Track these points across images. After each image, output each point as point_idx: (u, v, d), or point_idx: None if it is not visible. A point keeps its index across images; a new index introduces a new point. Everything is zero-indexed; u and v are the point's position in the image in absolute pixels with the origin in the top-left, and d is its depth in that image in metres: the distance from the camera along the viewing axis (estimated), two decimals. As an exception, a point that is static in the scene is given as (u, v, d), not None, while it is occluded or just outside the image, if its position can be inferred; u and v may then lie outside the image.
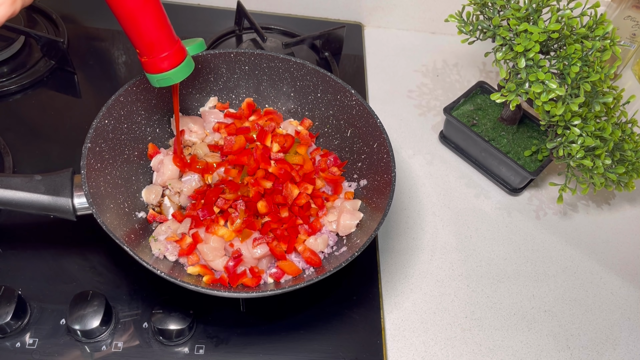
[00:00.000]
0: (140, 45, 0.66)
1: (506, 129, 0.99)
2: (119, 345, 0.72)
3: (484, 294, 0.87)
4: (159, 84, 0.70)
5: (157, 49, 0.67)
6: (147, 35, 0.65)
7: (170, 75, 0.69)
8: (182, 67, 0.70)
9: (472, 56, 1.20)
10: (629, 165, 0.86)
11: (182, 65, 0.70)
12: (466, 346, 0.82)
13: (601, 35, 0.80)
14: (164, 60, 0.68)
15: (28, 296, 0.74)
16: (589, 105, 0.81)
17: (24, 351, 0.70)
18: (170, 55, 0.68)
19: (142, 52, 0.67)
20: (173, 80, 0.70)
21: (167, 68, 0.68)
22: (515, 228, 0.96)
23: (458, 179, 1.01)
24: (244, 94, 0.92)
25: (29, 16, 1.05)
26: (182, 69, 0.70)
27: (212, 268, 0.76)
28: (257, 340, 0.76)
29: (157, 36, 0.66)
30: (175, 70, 0.69)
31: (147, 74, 0.70)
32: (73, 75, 1.00)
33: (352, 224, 0.80)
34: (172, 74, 0.69)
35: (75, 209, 0.70)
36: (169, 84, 0.70)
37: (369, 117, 0.83)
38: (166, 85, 0.70)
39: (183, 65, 0.70)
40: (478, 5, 0.85)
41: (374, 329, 0.80)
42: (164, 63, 0.68)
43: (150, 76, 0.70)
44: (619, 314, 0.89)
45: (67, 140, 0.91)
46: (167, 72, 0.69)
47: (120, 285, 0.77)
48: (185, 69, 0.70)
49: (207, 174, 0.82)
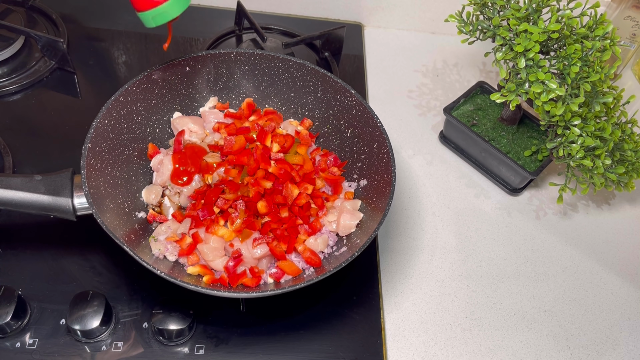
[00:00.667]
0: None
1: (506, 129, 0.99)
2: (119, 346, 0.72)
3: (484, 294, 0.87)
4: (155, 22, 0.64)
5: None
6: None
7: (166, 9, 0.63)
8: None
9: (472, 56, 1.20)
10: (629, 165, 0.86)
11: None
12: (466, 346, 0.82)
13: (601, 35, 0.80)
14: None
15: (28, 296, 0.74)
16: (589, 105, 0.81)
17: (24, 351, 0.70)
18: None
19: None
20: (170, 14, 0.64)
21: (161, 0, 0.62)
22: (515, 228, 0.96)
23: (458, 179, 1.01)
24: (244, 94, 0.92)
25: (29, 16, 1.05)
26: (177, 0, 0.63)
27: (212, 268, 0.76)
28: (257, 340, 0.76)
29: None
30: (171, 2, 0.63)
31: (141, 13, 0.64)
32: (73, 75, 1.00)
33: (352, 224, 0.80)
34: (167, 6, 0.63)
35: (75, 209, 0.70)
36: (166, 20, 0.64)
37: (369, 117, 0.83)
38: (163, 22, 0.64)
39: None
40: (478, 5, 0.85)
41: (374, 329, 0.80)
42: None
43: (144, 15, 0.64)
44: (619, 314, 0.89)
45: (67, 140, 0.91)
46: (162, 6, 0.63)
47: (120, 285, 0.77)
48: (181, 1, 0.64)
49: (207, 174, 0.82)
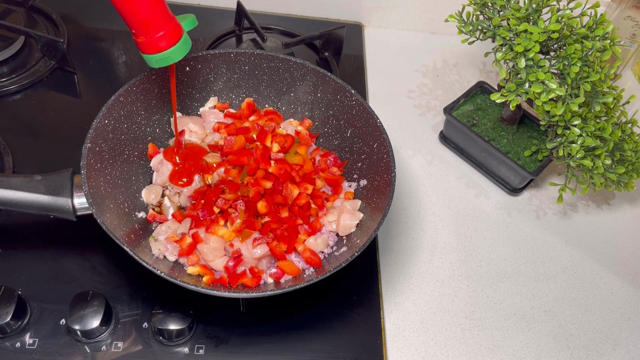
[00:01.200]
0: (136, 24, 0.65)
1: (506, 129, 0.99)
2: (119, 346, 0.72)
3: (484, 294, 0.87)
4: (157, 65, 0.68)
5: (153, 27, 0.65)
6: (142, 13, 0.64)
7: (169, 54, 0.68)
8: (180, 45, 0.68)
9: (472, 56, 1.20)
10: (629, 165, 0.86)
11: (180, 43, 0.68)
12: (466, 346, 0.82)
13: (601, 35, 0.80)
14: (161, 39, 0.66)
15: (28, 296, 0.74)
16: (589, 105, 0.81)
17: (24, 351, 0.70)
18: (167, 34, 0.66)
19: (138, 32, 0.65)
20: (172, 59, 0.68)
21: (165, 47, 0.67)
22: (515, 228, 0.96)
23: (458, 179, 1.01)
24: (244, 94, 0.92)
25: (29, 16, 1.05)
26: (180, 46, 0.68)
27: (212, 268, 0.76)
28: (257, 340, 0.76)
29: (152, 14, 0.64)
30: (174, 49, 0.67)
31: (145, 55, 0.68)
32: (73, 75, 1.00)
33: (352, 224, 0.80)
34: (170, 52, 0.67)
35: (75, 209, 0.70)
36: (168, 63, 0.69)
37: (369, 117, 0.83)
38: (165, 65, 0.69)
39: (181, 42, 0.68)
40: (478, 5, 0.85)
41: (374, 329, 0.80)
42: (161, 42, 0.66)
43: (147, 57, 0.68)
44: (619, 314, 0.89)
45: (67, 140, 0.91)
46: (166, 51, 0.67)
47: (120, 285, 0.77)
48: (183, 47, 0.69)
49: (207, 174, 0.82)
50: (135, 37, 0.67)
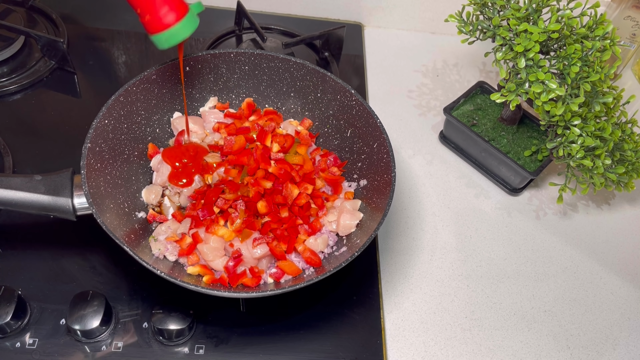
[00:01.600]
0: (140, 1, 0.64)
1: (506, 129, 0.99)
2: (119, 345, 0.72)
3: (484, 294, 0.87)
4: (168, 43, 0.67)
5: (157, 2, 0.65)
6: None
7: (177, 30, 0.67)
8: (187, 20, 0.67)
9: (472, 56, 1.20)
10: (629, 165, 0.86)
11: (188, 18, 0.67)
12: (466, 346, 0.82)
13: (601, 35, 0.80)
14: (167, 14, 0.65)
15: (28, 296, 0.74)
16: (589, 105, 0.81)
17: (24, 351, 0.70)
18: (172, 8, 0.66)
19: (143, 10, 0.65)
20: (181, 35, 0.67)
21: (173, 22, 0.66)
22: (515, 228, 0.96)
23: (458, 179, 1.01)
24: (244, 94, 0.92)
25: (29, 16, 1.05)
26: (187, 21, 0.67)
27: (212, 268, 0.76)
28: (257, 340, 0.76)
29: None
30: (182, 24, 0.67)
31: (153, 35, 0.67)
32: (73, 75, 1.00)
33: (352, 224, 0.80)
34: (179, 28, 0.67)
35: (75, 209, 0.70)
36: (179, 40, 0.68)
37: (369, 117, 0.83)
38: (175, 42, 0.68)
39: (188, 17, 0.67)
40: (478, 5, 0.86)
41: (374, 329, 0.80)
42: (168, 17, 0.66)
43: (156, 37, 0.67)
44: (619, 314, 0.89)
45: (67, 140, 0.91)
46: (174, 27, 0.66)
47: (120, 285, 0.77)
48: (191, 22, 0.68)
49: (207, 174, 0.82)
50: (141, 19, 0.66)
